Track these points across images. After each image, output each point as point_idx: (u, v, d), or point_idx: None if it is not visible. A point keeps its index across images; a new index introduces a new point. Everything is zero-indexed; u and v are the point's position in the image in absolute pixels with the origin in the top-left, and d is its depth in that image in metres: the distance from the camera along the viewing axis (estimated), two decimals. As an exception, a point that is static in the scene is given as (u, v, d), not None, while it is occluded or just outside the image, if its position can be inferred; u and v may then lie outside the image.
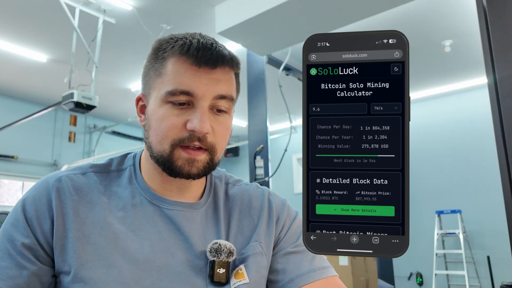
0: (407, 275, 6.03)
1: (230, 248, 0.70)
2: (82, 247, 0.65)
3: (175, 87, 0.67)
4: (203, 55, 0.67)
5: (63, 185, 0.70)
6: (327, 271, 0.75)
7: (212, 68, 0.68)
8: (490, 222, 5.39)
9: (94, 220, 0.68)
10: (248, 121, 3.87)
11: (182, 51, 0.68)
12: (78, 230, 0.67)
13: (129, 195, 0.73)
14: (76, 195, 0.70)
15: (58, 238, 0.66)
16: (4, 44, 4.43)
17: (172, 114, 0.68)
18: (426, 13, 3.80)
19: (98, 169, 0.76)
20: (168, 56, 0.69)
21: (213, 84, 0.68)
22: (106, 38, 4.03)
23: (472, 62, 4.87)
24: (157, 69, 0.70)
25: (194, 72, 0.67)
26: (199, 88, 0.67)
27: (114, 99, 6.15)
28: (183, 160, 0.68)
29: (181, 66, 0.68)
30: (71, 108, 3.46)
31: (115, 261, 0.65)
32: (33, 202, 0.68)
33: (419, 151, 5.93)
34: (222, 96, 0.69)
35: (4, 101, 6.03)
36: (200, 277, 0.69)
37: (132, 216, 0.71)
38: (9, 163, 6.04)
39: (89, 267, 0.64)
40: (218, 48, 0.69)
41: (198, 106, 0.67)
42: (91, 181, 0.73)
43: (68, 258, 0.65)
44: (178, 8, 3.72)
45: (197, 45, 0.68)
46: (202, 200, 0.77)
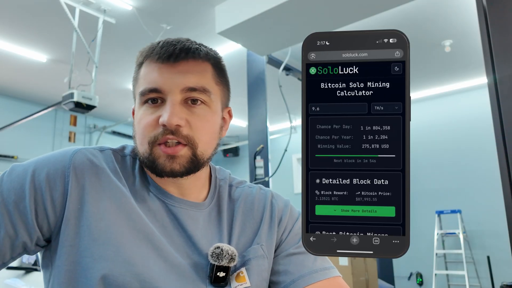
0: (407, 275, 6.03)
1: (232, 254, 0.70)
2: (96, 222, 0.65)
3: (144, 87, 0.69)
4: (166, 51, 0.69)
5: (81, 157, 0.70)
6: (330, 271, 0.75)
7: (175, 62, 0.69)
8: (490, 222, 5.38)
9: (111, 196, 0.68)
10: (248, 121, 3.86)
11: (149, 52, 0.71)
12: (94, 205, 0.66)
13: (139, 184, 0.73)
14: (96, 168, 0.70)
15: (72, 210, 0.65)
16: (4, 44, 4.43)
17: (147, 113, 0.69)
18: (426, 13, 3.80)
19: (115, 150, 0.77)
20: (141, 62, 0.73)
21: (179, 77, 0.69)
22: (106, 38, 4.02)
23: (472, 62, 4.87)
24: (135, 76, 0.74)
25: (159, 69, 0.69)
26: (165, 83, 0.68)
27: (114, 99, 6.15)
28: (163, 158, 0.68)
29: (149, 66, 0.70)
30: (71, 108, 3.46)
31: (127, 242, 0.65)
32: (46, 168, 0.67)
33: (419, 151, 5.93)
34: (191, 88, 0.69)
35: (4, 101, 6.03)
36: (200, 276, 0.69)
37: (141, 206, 0.71)
38: (9, 163, 6.04)
39: (100, 243, 0.64)
40: (184, 44, 0.71)
41: (168, 101, 0.68)
42: (108, 158, 0.73)
43: (81, 231, 0.64)
44: (178, 8, 3.71)
45: (163, 43, 0.70)
46: (206, 202, 0.77)
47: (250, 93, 3.89)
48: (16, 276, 2.10)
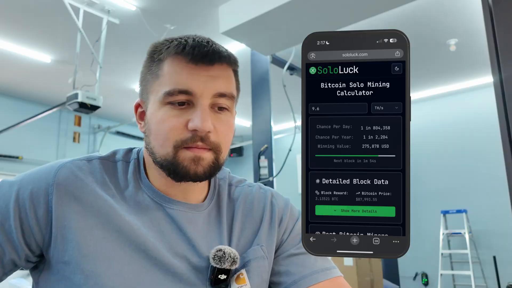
0: (413, 275, 6.00)
1: (234, 257, 0.69)
2: (84, 238, 0.63)
3: (173, 87, 0.66)
4: (199, 52, 0.66)
5: (66, 171, 0.68)
6: (331, 271, 0.74)
7: (210, 65, 0.67)
8: (496, 222, 5.35)
9: (98, 210, 0.66)
10: (252, 121, 3.86)
11: (178, 50, 0.67)
12: (81, 220, 0.64)
13: (132, 189, 0.71)
14: (80, 182, 0.67)
15: (59, 226, 0.64)
16: (9, 45, 4.46)
17: (172, 115, 0.66)
18: (431, 12, 3.78)
19: (104, 158, 0.74)
20: (164, 57, 0.68)
21: (211, 81, 0.66)
22: (110, 39, 4.03)
23: (477, 61, 4.84)
24: (154, 72, 0.69)
25: (191, 70, 0.66)
26: (198, 86, 0.65)
27: (118, 100, 6.17)
28: (188, 160, 0.66)
29: (178, 65, 0.67)
30: (75, 109, 3.47)
31: (117, 255, 0.64)
32: (31, 186, 0.66)
33: (424, 150, 5.91)
34: (221, 94, 0.67)
35: (9, 102, 6.07)
36: (200, 279, 0.68)
37: (135, 212, 0.69)
38: (14, 163, 6.08)
39: (90, 259, 0.63)
40: (214, 45, 0.68)
41: (198, 105, 0.66)
42: (95, 169, 0.71)
43: (69, 248, 0.63)
44: (182, 8, 3.72)
45: (193, 43, 0.67)
46: (205, 203, 0.76)
47: (254, 93, 3.88)
48: (20, 276, 2.11)
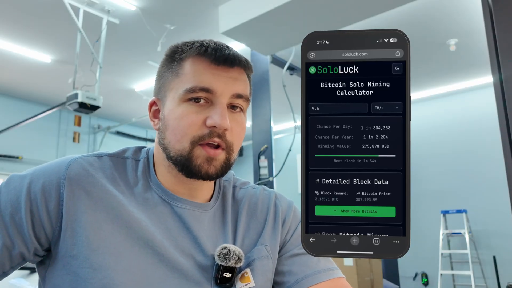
0: (413, 275, 6.00)
1: (239, 255, 0.71)
2: (93, 232, 0.65)
3: (195, 84, 0.69)
4: (221, 54, 0.70)
5: (77, 166, 0.69)
6: (334, 272, 0.76)
7: (230, 67, 0.70)
8: (496, 222, 5.35)
9: (108, 205, 0.68)
10: (252, 121, 3.87)
11: (201, 51, 0.70)
12: (91, 215, 0.66)
13: (141, 187, 0.73)
14: (91, 178, 0.69)
15: (69, 220, 0.65)
16: (9, 45, 4.46)
17: (191, 112, 0.69)
18: (431, 12, 3.78)
19: (114, 155, 0.76)
20: (185, 57, 0.71)
21: (231, 82, 0.70)
22: (110, 39, 4.03)
23: (477, 61, 4.84)
24: (174, 70, 0.72)
25: (213, 70, 0.70)
26: (219, 85, 0.69)
27: (118, 100, 6.17)
28: (202, 159, 0.68)
29: (200, 65, 0.70)
30: (75, 109, 3.47)
31: (125, 250, 0.65)
32: (42, 179, 0.67)
33: (424, 150, 5.91)
34: (239, 95, 0.71)
35: (8, 102, 6.06)
36: (205, 277, 0.70)
37: (143, 208, 0.71)
38: (14, 163, 6.08)
39: (99, 253, 0.64)
40: (232, 50, 0.73)
41: (217, 103, 0.69)
42: (106, 165, 0.73)
43: (79, 242, 0.64)
44: (182, 8, 3.72)
45: (214, 46, 0.71)
46: (211, 202, 0.78)
47: (254, 92, 3.88)
48: (20, 276, 2.11)
